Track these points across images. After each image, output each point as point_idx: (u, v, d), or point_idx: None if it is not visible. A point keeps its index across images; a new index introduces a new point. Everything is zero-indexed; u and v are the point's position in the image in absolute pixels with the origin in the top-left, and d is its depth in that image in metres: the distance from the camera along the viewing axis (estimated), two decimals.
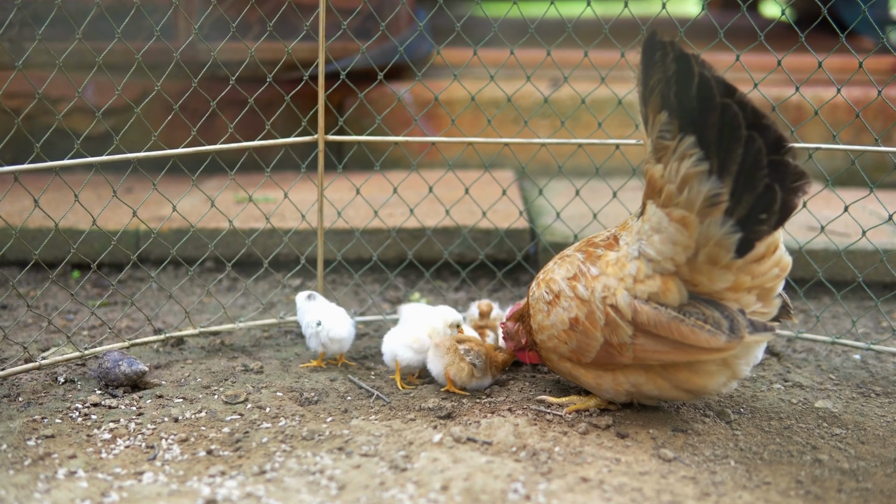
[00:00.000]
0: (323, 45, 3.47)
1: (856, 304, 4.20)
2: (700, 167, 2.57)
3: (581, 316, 2.85)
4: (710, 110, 2.53)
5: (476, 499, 2.37)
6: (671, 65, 2.56)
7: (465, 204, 4.23)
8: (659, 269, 2.73)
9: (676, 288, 2.72)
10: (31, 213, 3.31)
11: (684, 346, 2.72)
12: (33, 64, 3.24)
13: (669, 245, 2.69)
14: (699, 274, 2.69)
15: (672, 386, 2.83)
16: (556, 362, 3.03)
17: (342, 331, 3.37)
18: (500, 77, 3.77)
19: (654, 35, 2.58)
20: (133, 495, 2.46)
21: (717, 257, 2.65)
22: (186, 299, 4.19)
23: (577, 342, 2.88)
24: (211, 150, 3.42)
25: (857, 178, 4.88)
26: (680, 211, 2.64)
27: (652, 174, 2.70)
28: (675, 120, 2.59)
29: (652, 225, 2.73)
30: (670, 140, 2.62)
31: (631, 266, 2.79)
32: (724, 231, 2.60)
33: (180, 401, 3.10)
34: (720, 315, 2.68)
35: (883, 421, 3.02)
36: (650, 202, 2.75)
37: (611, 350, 2.82)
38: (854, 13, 3.48)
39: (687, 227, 2.64)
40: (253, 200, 3.94)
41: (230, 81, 3.45)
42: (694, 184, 2.59)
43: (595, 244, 2.96)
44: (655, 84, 2.61)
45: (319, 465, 2.59)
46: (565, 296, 2.91)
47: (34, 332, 3.78)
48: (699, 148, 2.57)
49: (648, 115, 2.68)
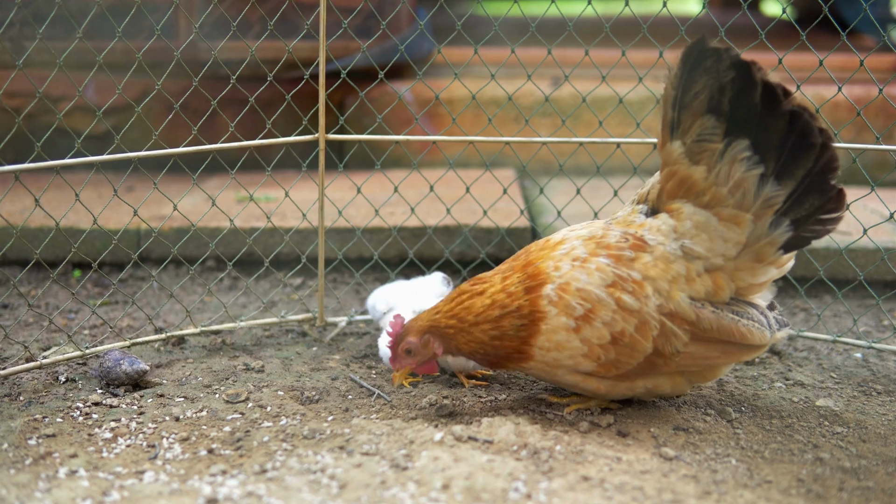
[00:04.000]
0: (324, 44, 3.47)
1: (857, 303, 4.20)
2: (756, 170, 2.67)
3: (629, 329, 2.70)
4: (775, 117, 2.63)
5: (477, 497, 2.37)
6: (727, 72, 2.62)
7: (466, 203, 4.23)
8: (709, 266, 2.75)
9: (726, 283, 2.76)
10: (31, 213, 3.31)
11: (734, 348, 2.78)
12: (34, 63, 3.24)
13: (720, 241, 2.74)
14: (742, 270, 2.77)
15: (688, 382, 2.87)
16: (558, 376, 2.84)
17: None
18: (500, 76, 3.77)
19: (704, 41, 2.65)
20: (134, 494, 2.46)
21: (764, 254, 2.75)
22: (187, 298, 4.19)
23: (617, 356, 2.73)
24: (212, 150, 3.42)
25: (858, 177, 4.86)
26: (731, 210, 2.71)
27: (688, 175, 2.73)
28: (723, 124, 2.66)
29: (695, 223, 2.75)
30: (716, 143, 2.68)
31: (678, 266, 2.74)
32: (779, 230, 2.71)
33: (181, 400, 3.10)
34: (756, 311, 2.81)
35: (884, 419, 3.01)
36: (682, 202, 2.77)
37: (656, 360, 2.74)
38: (855, 11, 3.48)
39: (739, 225, 2.72)
40: (254, 199, 3.95)
41: (231, 80, 3.44)
42: (749, 186, 2.68)
43: (609, 245, 2.78)
44: (702, 89, 2.65)
45: (320, 463, 2.59)
46: (608, 308, 2.70)
47: (35, 331, 3.78)
48: (753, 152, 2.66)
49: (682, 118, 2.70)
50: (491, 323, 2.79)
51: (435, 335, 2.86)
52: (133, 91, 5.17)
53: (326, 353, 3.56)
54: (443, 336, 2.85)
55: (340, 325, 3.79)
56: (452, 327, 2.83)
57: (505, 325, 2.78)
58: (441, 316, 2.85)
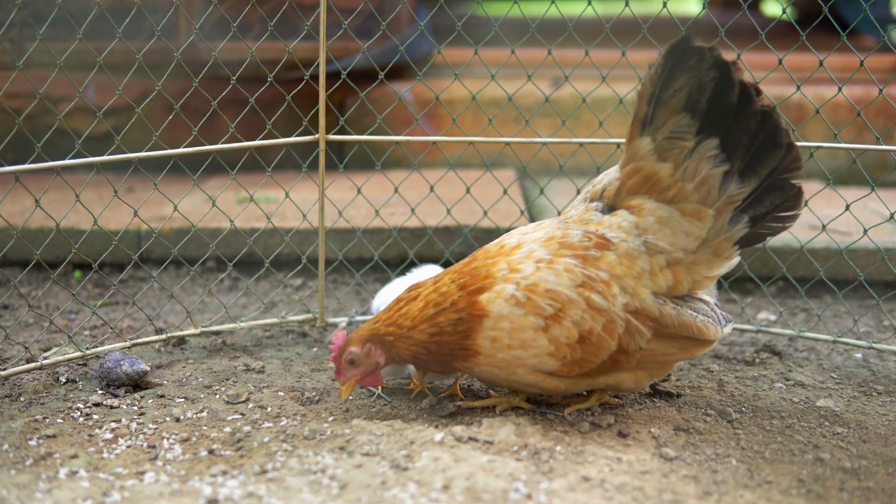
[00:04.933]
0: (324, 45, 3.47)
1: (857, 303, 4.20)
2: (722, 168, 2.74)
3: (597, 327, 2.71)
4: (748, 117, 2.70)
5: (477, 498, 2.37)
6: (709, 71, 2.66)
7: (467, 203, 4.23)
8: (670, 260, 2.80)
9: (684, 277, 2.81)
10: (32, 213, 3.31)
11: (690, 343, 2.82)
12: (34, 64, 3.24)
13: (683, 236, 2.79)
14: (699, 264, 2.82)
15: (649, 376, 2.90)
16: (517, 375, 2.80)
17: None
18: (501, 76, 3.77)
19: (689, 40, 2.69)
20: (135, 495, 2.46)
21: (722, 249, 2.82)
22: (188, 299, 4.19)
23: (583, 354, 2.74)
24: (212, 150, 3.42)
25: (858, 177, 4.87)
26: (694, 206, 2.77)
27: (654, 171, 2.77)
28: (698, 123, 2.71)
29: (658, 218, 2.79)
30: (688, 141, 2.73)
31: (642, 262, 2.78)
32: (738, 226, 2.79)
33: (182, 400, 3.10)
34: (707, 307, 2.87)
35: (885, 420, 3.01)
36: (644, 198, 2.80)
37: (619, 358, 2.76)
38: (855, 12, 3.48)
39: (701, 220, 2.78)
40: (254, 200, 3.95)
41: (231, 81, 3.44)
42: (714, 182, 2.74)
43: (574, 245, 2.78)
44: (682, 87, 2.69)
45: (321, 464, 2.59)
46: (577, 307, 2.71)
47: (36, 331, 3.78)
48: (721, 150, 2.73)
49: (657, 114, 2.73)
50: (427, 322, 2.78)
51: (376, 343, 2.85)
52: (133, 92, 5.18)
53: (327, 354, 3.55)
54: (383, 344, 2.84)
55: (341, 326, 3.79)
56: (392, 334, 2.82)
57: (441, 320, 2.77)
58: (380, 324, 2.85)
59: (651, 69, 2.71)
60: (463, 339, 2.77)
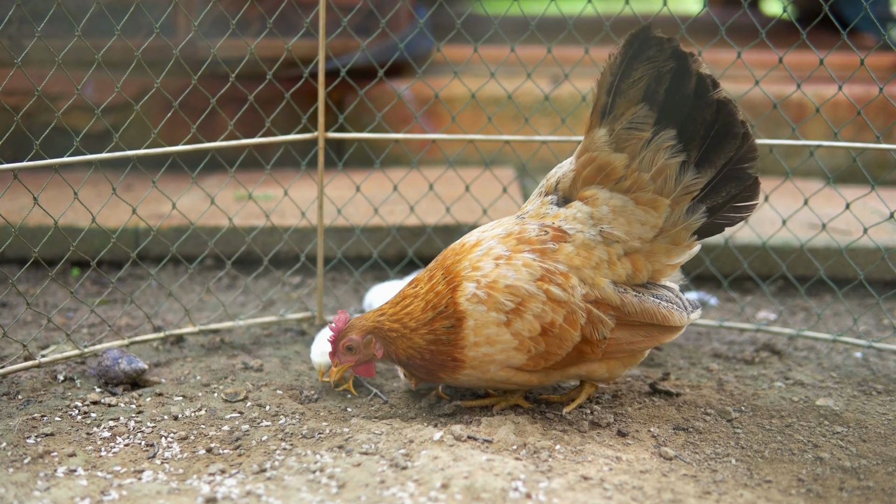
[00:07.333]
0: (323, 43, 3.47)
1: (857, 302, 4.19)
2: (679, 158, 2.76)
3: (559, 319, 2.73)
4: (703, 107, 2.71)
5: (477, 497, 2.37)
6: (667, 62, 2.68)
7: (466, 201, 4.22)
8: (627, 249, 2.81)
9: (643, 265, 2.83)
10: (30, 211, 3.30)
11: (656, 330, 2.84)
12: (32, 61, 3.23)
13: (638, 225, 2.81)
14: (658, 253, 2.84)
15: (623, 366, 2.91)
16: (490, 372, 2.81)
17: None
18: (500, 74, 3.76)
19: (649, 30, 2.68)
20: (133, 493, 2.45)
21: (680, 238, 2.84)
22: (186, 297, 4.18)
23: (547, 347, 2.75)
24: (211, 148, 3.42)
25: (858, 176, 4.87)
26: (650, 195, 2.79)
27: (608, 161, 2.79)
28: (655, 113, 2.73)
29: (612, 207, 2.81)
30: (646, 132, 2.75)
31: (599, 251, 2.79)
32: (695, 216, 2.81)
33: (180, 399, 3.09)
34: (671, 294, 2.89)
35: (884, 419, 3.01)
36: (598, 188, 2.82)
37: (584, 348, 2.78)
38: (855, 10, 3.46)
39: (657, 210, 2.80)
40: (253, 198, 3.94)
41: (230, 79, 3.44)
42: (671, 172, 2.77)
43: (531, 240, 2.78)
44: (641, 77, 2.71)
45: (319, 463, 2.58)
46: (537, 301, 2.72)
47: (34, 329, 3.77)
48: (678, 140, 2.75)
49: (616, 104, 2.75)
50: (426, 326, 2.78)
51: (378, 337, 2.85)
52: (132, 89, 5.15)
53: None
54: (385, 339, 2.84)
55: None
56: (395, 331, 2.82)
57: (437, 327, 2.77)
58: (386, 318, 2.85)
59: (611, 59, 2.72)
60: (453, 349, 2.76)
